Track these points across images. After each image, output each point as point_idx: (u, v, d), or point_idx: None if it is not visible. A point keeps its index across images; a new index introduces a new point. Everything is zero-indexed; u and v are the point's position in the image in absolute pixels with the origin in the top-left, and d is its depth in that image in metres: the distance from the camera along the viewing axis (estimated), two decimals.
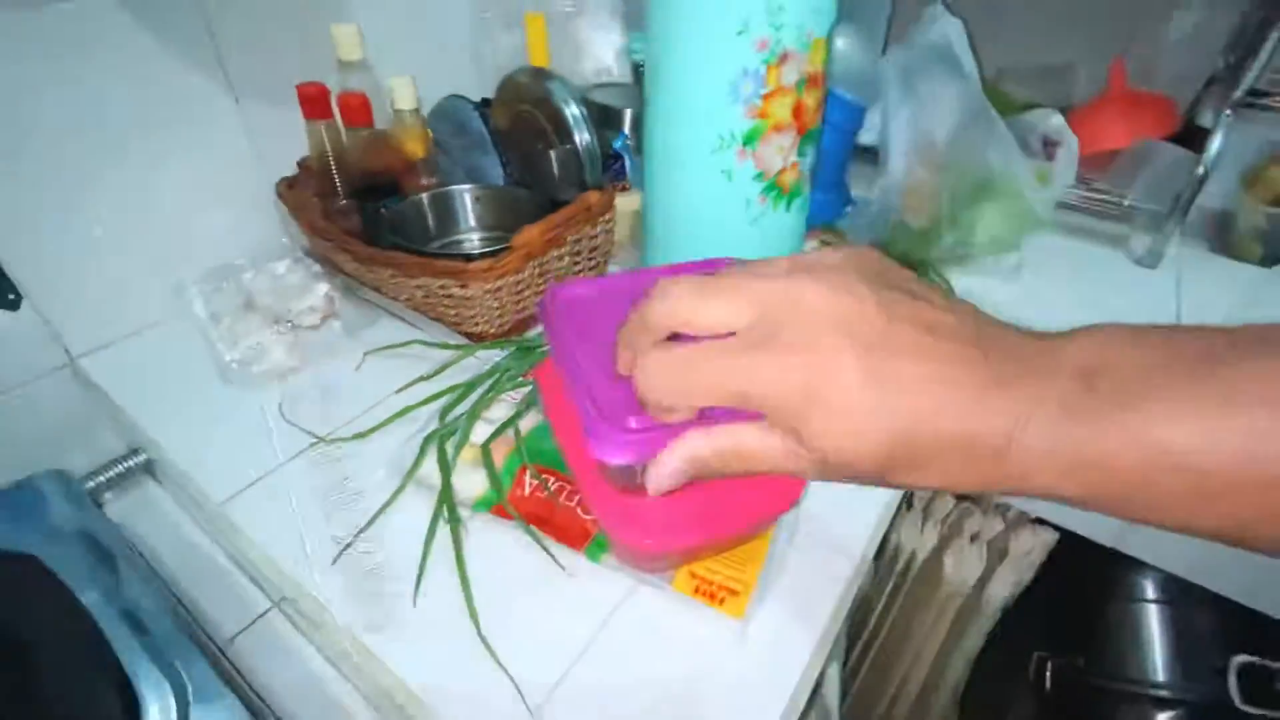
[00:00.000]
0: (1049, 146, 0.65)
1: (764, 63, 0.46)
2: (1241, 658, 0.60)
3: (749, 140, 0.50)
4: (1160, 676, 0.66)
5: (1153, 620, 0.67)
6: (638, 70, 0.77)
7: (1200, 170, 0.64)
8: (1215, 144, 0.62)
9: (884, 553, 0.71)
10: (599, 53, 0.74)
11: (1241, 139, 0.67)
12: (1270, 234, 0.69)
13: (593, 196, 0.55)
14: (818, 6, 0.45)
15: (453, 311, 0.54)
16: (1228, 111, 0.61)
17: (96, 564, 0.42)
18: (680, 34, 0.48)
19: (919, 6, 0.60)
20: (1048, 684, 0.74)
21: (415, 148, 0.64)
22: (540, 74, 0.58)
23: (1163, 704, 0.65)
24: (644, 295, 0.23)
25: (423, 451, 0.42)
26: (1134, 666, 0.67)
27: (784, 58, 0.46)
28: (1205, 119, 0.77)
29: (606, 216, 0.59)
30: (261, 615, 0.46)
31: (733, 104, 0.48)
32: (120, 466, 0.54)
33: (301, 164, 0.63)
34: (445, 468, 0.40)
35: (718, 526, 0.32)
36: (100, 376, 0.54)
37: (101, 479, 0.53)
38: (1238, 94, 0.60)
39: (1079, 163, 0.66)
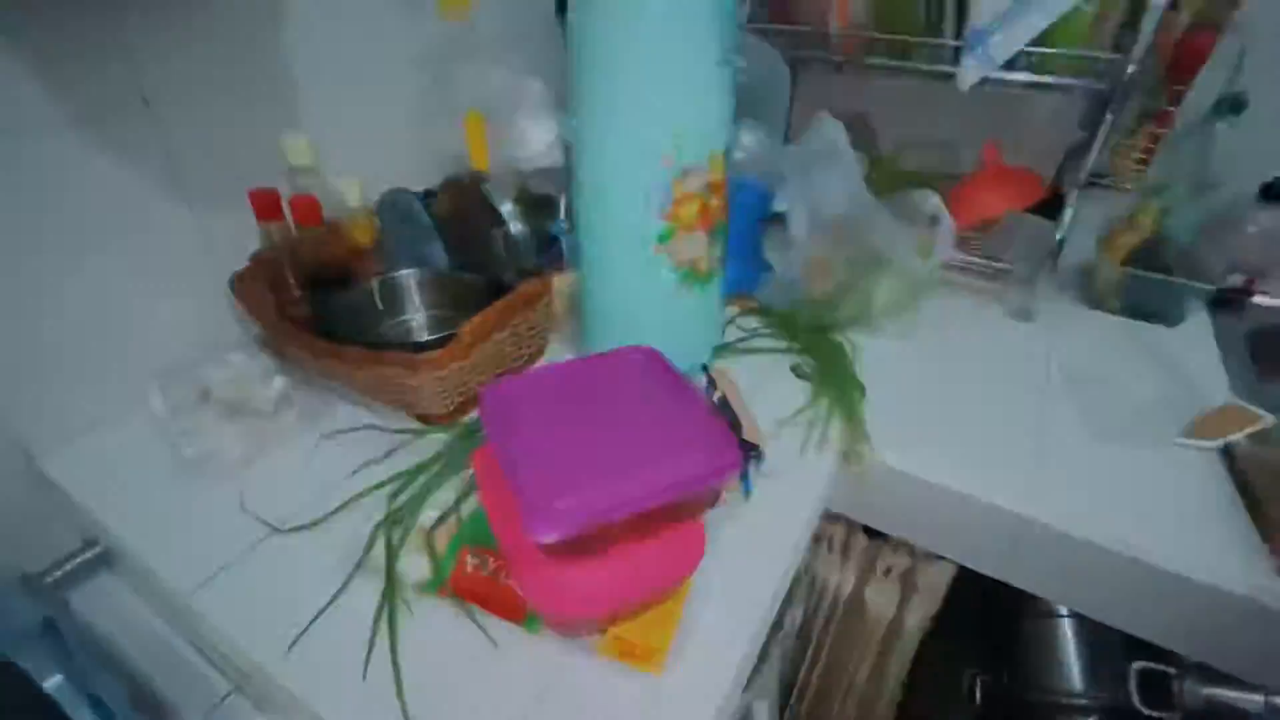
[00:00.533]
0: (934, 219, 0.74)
1: (670, 178, 0.53)
2: (1140, 663, 0.64)
3: (664, 239, 0.57)
4: (1076, 685, 0.70)
5: (1066, 632, 0.72)
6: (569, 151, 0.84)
7: (1058, 237, 0.74)
8: (1067, 216, 0.73)
9: (813, 591, 0.77)
10: (535, 141, 0.81)
11: (1095, 206, 0.78)
12: (1127, 288, 0.80)
13: (530, 287, 0.61)
14: (712, 131, 0.53)
15: (403, 396, 0.59)
16: (1075, 190, 0.72)
17: (64, 658, 0.44)
18: (598, 155, 0.55)
19: (812, 109, 0.69)
20: (978, 700, 0.80)
21: (364, 238, 0.69)
22: (476, 176, 0.65)
23: (1079, 711, 0.69)
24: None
25: (372, 540, 0.46)
26: (1052, 678, 0.71)
27: (686, 172, 0.54)
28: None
29: (545, 300, 0.65)
30: (224, 699, 0.49)
31: (647, 210, 0.55)
32: (78, 559, 0.55)
33: (254, 257, 0.67)
34: (390, 557, 0.44)
35: (630, 592, 0.38)
36: (60, 475, 0.56)
37: (59, 573, 0.54)
38: (1080, 177, 0.71)
39: (962, 229, 0.75)
